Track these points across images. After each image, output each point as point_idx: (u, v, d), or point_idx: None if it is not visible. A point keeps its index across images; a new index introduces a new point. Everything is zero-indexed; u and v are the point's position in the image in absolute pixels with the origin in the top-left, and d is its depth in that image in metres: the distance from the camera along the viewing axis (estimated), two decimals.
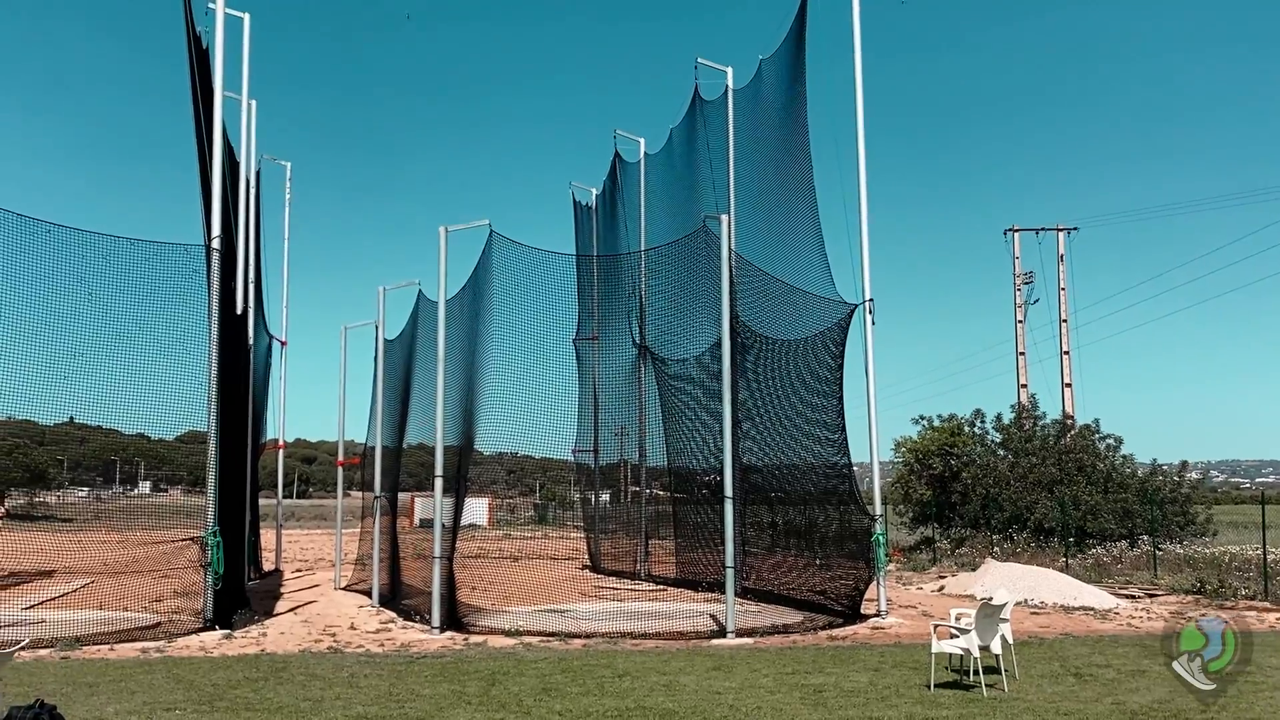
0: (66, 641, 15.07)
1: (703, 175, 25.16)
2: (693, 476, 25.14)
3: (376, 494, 22.94)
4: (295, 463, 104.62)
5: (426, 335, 21.22)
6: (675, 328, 23.66)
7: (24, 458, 77.03)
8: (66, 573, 26.66)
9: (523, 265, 18.92)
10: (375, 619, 18.84)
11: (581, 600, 21.48)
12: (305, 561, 35.56)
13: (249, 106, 23.95)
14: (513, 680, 12.19)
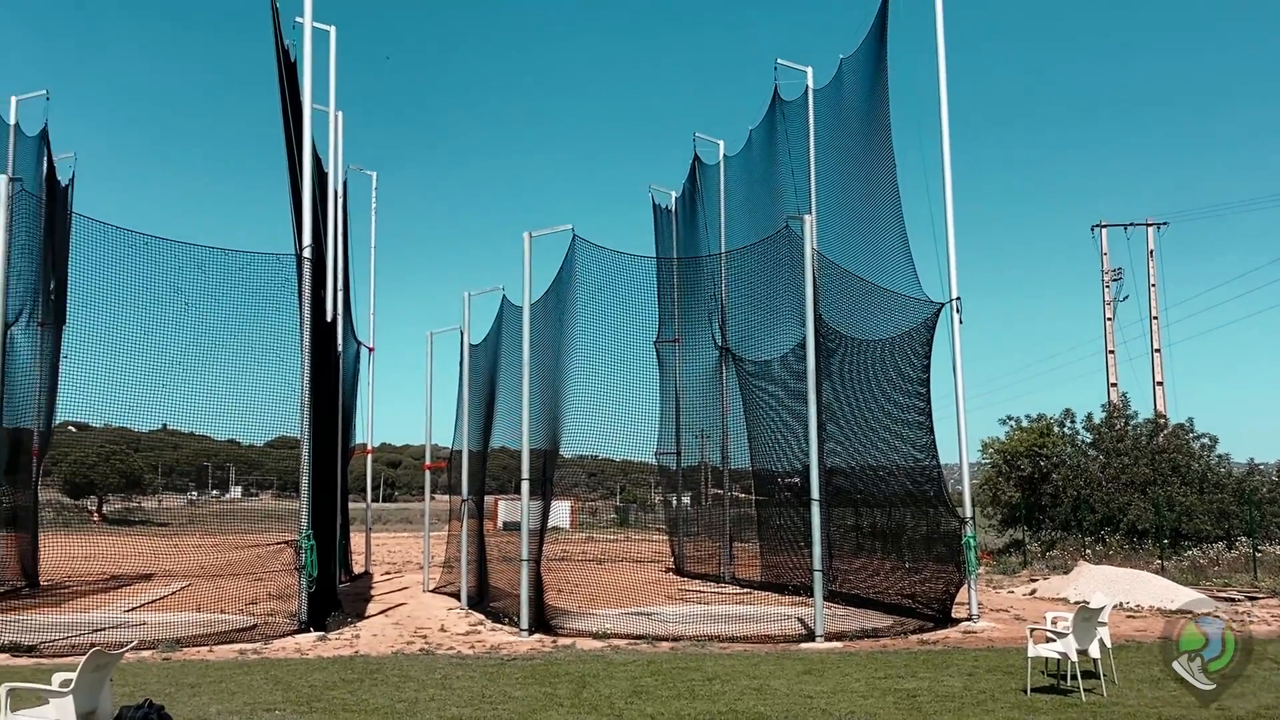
0: (168, 643, 15.49)
1: (783, 176, 25.06)
2: (775, 479, 25.03)
3: (464, 497, 23.19)
4: (381, 467, 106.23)
5: (511, 340, 21.43)
6: (757, 329, 23.60)
7: (120, 464, 79.27)
8: (165, 576, 27.38)
9: (605, 269, 19.04)
10: (464, 621, 19.07)
11: (668, 603, 21.50)
12: (393, 564, 36.12)
13: (336, 118, 24.42)
14: (603, 683, 12.25)
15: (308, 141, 18.97)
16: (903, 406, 19.75)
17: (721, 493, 29.38)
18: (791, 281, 19.06)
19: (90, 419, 45.69)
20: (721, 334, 26.15)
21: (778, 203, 24.98)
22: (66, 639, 16.05)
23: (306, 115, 19.05)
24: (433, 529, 29.08)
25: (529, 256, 18.21)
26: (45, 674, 10.21)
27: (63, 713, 7.62)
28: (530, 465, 17.94)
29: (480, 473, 24.15)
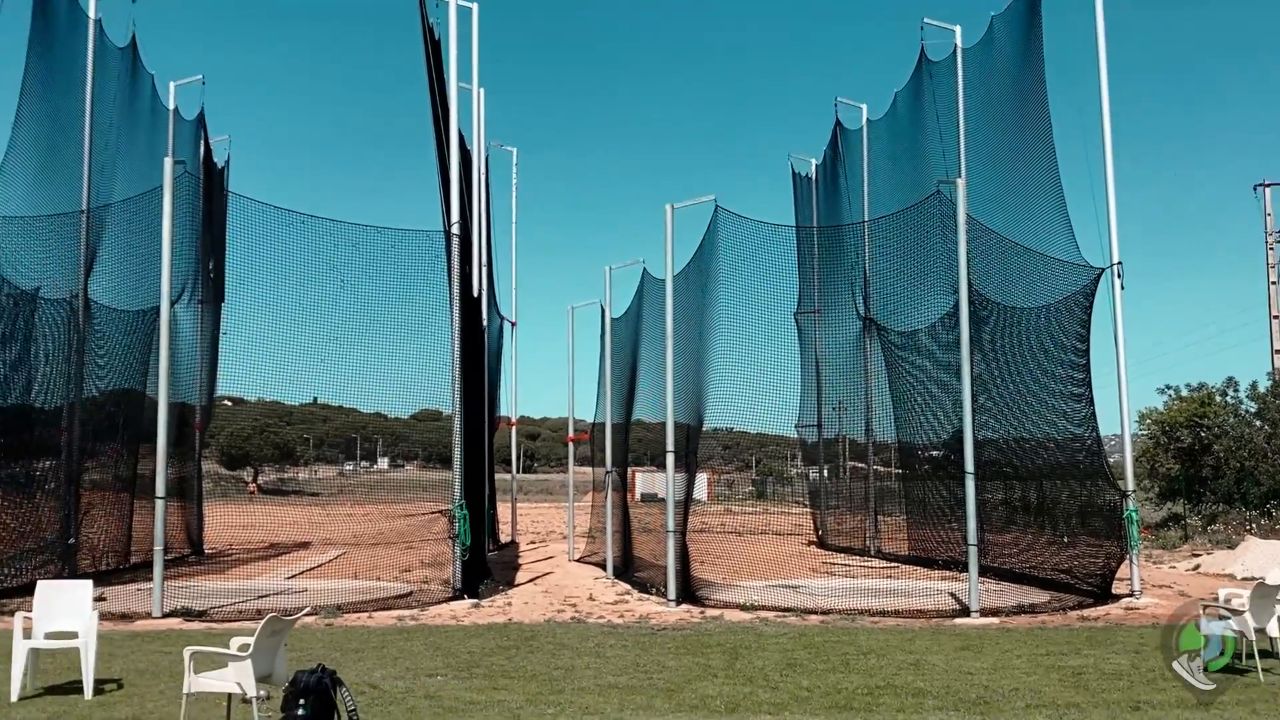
0: (330, 609, 16.00)
1: (930, 139, 24.38)
2: (921, 451, 24.55)
3: (608, 469, 23.37)
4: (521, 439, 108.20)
5: (651, 313, 21.43)
6: (903, 298, 23.11)
7: (274, 436, 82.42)
8: (321, 544, 28.37)
9: (746, 239, 18.83)
10: (612, 590, 19.23)
11: (813, 576, 21.31)
12: (537, 534, 36.74)
13: (478, 95, 24.69)
14: (755, 655, 12.19)
15: (454, 120, 19.22)
16: (1059, 377, 19.08)
17: (863, 465, 28.98)
18: (940, 248, 18.57)
19: (246, 393, 47.66)
20: (865, 304, 25.70)
21: (925, 167, 24.33)
22: (233, 604, 16.74)
23: (452, 94, 19.31)
24: (575, 500, 29.43)
25: (671, 229, 18.13)
26: (216, 638, 10.66)
27: (242, 676, 7.89)
28: (673, 438, 17.91)
29: (623, 445, 24.30)
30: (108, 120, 22.81)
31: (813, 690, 10.12)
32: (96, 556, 21.01)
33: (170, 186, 16.63)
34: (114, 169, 22.94)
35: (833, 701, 9.59)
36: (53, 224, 20.19)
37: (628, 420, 24.06)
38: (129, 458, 22.73)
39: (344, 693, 8.11)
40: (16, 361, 19.57)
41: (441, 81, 19.46)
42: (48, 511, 20.05)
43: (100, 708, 9.28)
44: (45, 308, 20.20)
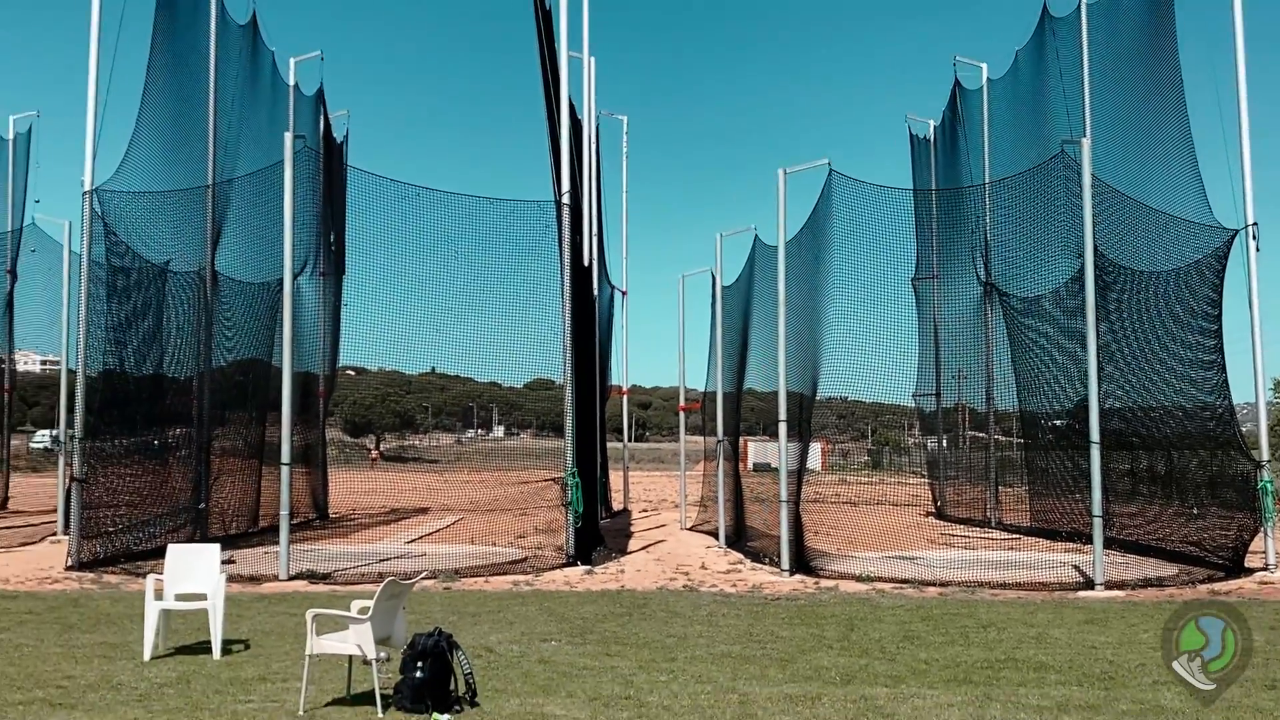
0: (447, 574, 16.31)
1: (1054, 98, 23.54)
2: (1044, 420, 23.88)
3: (719, 438, 23.28)
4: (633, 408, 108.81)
5: (764, 280, 21.21)
6: (1025, 263, 22.41)
7: (395, 405, 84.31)
8: (439, 510, 28.94)
9: (861, 204, 18.48)
10: (724, 560, 19.20)
11: (931, 547, 20.96)
12: (649, 502, 36.92)
13: (589, 63, 24.70)
14: (871, 626, 12.02)
15: (564, 89, 19.23)
16: (1189, 343, 18.35)
17: (984, 435, 28.35)
18: (1065, 211, 17.95)
19: (367, 363, 48.81)
20: (985, 269, 25.04)
21: (1048, 127, 23.52)
22: (355, 568, 17.18)
23: (562, 63, 19.31)
24: (686, 469, 29.44)
25: (783, 194, 17.88)
26: (339, 600, 10.92)
27: (362, 638, 8.06)
28: (786, 407, 17.73)
29: (734, 414, 24.18)
30: (230, 97, 23.44)
31: (930, 663, 9.93)
32: (226, 521, 21.76)
33: (290, 161, 17.00)
34: (237, 145, 23.58)
35: (951, 675, 9.39)
36: (180, 199, 20.84)
37: (739, 389, 23.91)
38: (257, 425, 23.46)
39: (460, 656, 8.24)
40: (149, 333, 20.32)
41: (552, 51, 19.48)
42: (180, 477, 20.83)
43: (228, 667, 9.60)
44: (175, 281, 20.90)
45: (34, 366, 77.43)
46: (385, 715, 7.85)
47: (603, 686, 8.85)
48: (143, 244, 19.74)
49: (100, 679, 9.07)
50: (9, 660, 9.83)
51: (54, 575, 16.53)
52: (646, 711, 8.03)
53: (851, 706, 8.21)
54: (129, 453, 19.83)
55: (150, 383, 20.69)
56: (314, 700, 8.24)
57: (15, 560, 18.70)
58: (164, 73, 21.04)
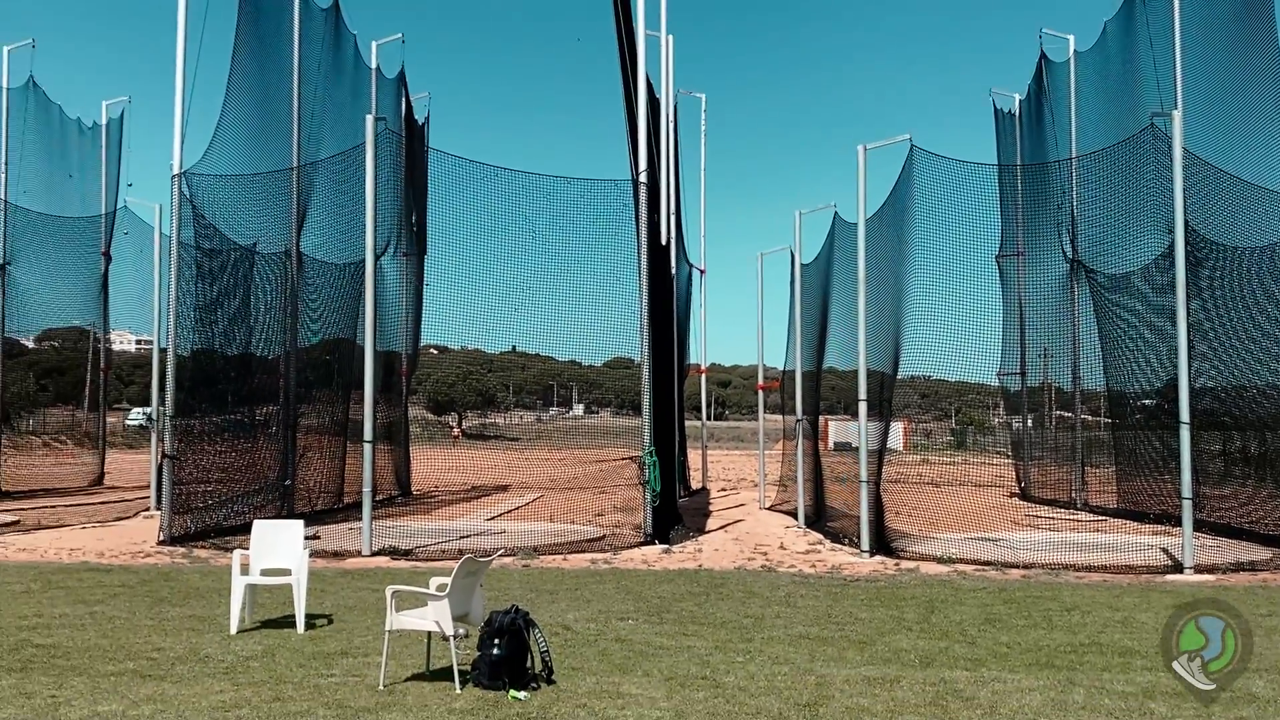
0: (526, 551, 16.45)
1: (1143, 69, 22.85)
2: (1133, 399, 23.33)
3: (799, 417, 23.13)
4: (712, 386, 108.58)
5: (843, 258, 20.97)
6: (1113, 239, 21.87)
7: (476, 383, 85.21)
8: (519, 487, 29.22)
9: (944, 180, 18.20)
10: (803, 540, 19.10)
11: (1015, 529, 20.62)
12: (728, 481, 36.87)
13: (667, 42, 24.55)
14: (951, 609, 11.87)
15: (642, 68, 19.17)
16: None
17: (1070, 415, 27.79)
18: (1154, 185, 17.44)
19: (449, 342, 49.45)
20: (1072, 245, 24.48)
21: (1137, 100, 22.83)
22: (436, 544, 17.41)
23: (640, 42, 19.24)
24: (765, 448, 29.32)
25: (863, 171, 17.63)
26: (420, 577, 11.05)
27: (440, 615, 8.16)
28: (866, 386, 17.54)
29: (814, 393, 24.00)
30: (314, 81, 23.77)
31: (1012, 646, 9.78)
32: (312, 497, 22.20)
33: (372, 143, 17.19)
34: (321, 128, 23.93)
35: (1034, 659, 9.24)
36: (265, 182, 21.22)
37: (819, 368, 23.72)
38: (341, 404, 23.87)
39: (537, 633, 8.31)
40: (237, 313, 20.78)
41: (630, 29, 19.43)
42: (267, 454, 21.29)
43: (311, 641, 9.80)
44: (262, 262, 21.33)
45: (129, 346, 79.77)
46: (463, 691, 7.95)
47: (679, 666, 8.86)
48: (230, 226, 20.15)
49: (188, 651, 9.33)
50: (102, 632, 10.15)
51: (146, 549, 17.03)
52: (723, 692, 8.02)
53: (931, 690, 8.12)
54: (218, 430, 20.33)
55: (238, 362, 21.17)
56: (394, 675, 8.38)
57: (110, 534, 19.31)
58: (249, 57, 21.40)
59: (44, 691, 7.90)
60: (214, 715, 7.32)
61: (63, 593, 12.57)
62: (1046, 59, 28.14)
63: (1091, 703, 7.76)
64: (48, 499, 26.90)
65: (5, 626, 10.39)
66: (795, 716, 7.40)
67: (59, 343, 51.41)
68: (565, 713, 7.42)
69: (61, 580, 13.59)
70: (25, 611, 11.25)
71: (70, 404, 52.33)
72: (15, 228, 28.40)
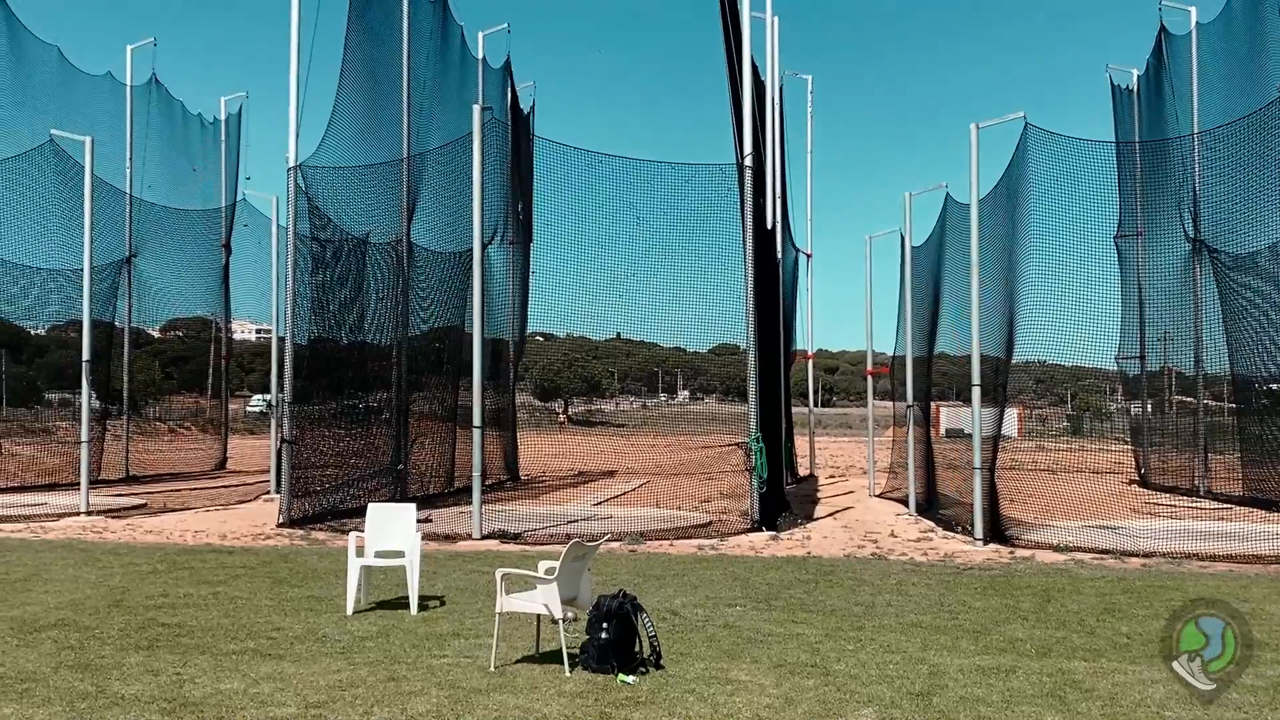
0: (633, 536, 16.51)
1: (1271, 43, 21.93)
2: (1259, 384, 22.44)
3: (909, 403, 22.77)
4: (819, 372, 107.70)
5: (955, 240, 20.56)
6: (1239, 217, 21.03)
7: (582, 370, 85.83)
8: (625, 473, 29.37)
9: (1059, 158, 17.69)
10: (914, 527, 18.81)
11: (1134, 517, 20.02)
12: (836, 468, 36.52)
13: (772, 24, 24.33)
14: (1069, 598, 11.57)
15: (747, 51, 19.01)
16: None
17: (1192, 400, 26.86)
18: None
19: (555, 329, 49.91)
20: (1194, 224, 23.61)
21: (1264, 72, 21.94)
22: (545, 529, 17.59)
23: (745, 24, 19.07)
24: (875, 434, 28.95)
25: (976, 150, 17.21)
26: (529, 560, 11.19)
27: (548, 598, 8.24)
28: (980, 371, 17.17)
29: (925, 378, 23.61)
30: (422, 73, 24.14)
31: (1133, 638, 9.49)
32: (424, 481, 22.63)
33: (479, 133, 17.40)
34: (430, 119, 24.31)
35: (1156, 650, 8.94)
36: (377, 173, 21.64)
37: (930, 353, 23.33)
38: (452, 390, 24.25)
39: (644, 618, 8.33)
40: (351, 302, 21.25)
41: (735, 11, 19.27)
42: (380, 440, 21.76)
43: (424, 623, 9.99)
44: (374, 251, 21.76)
45: (249, 335, 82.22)
46: (572, 674, 8.01)
47: (788, 653, 8.80)
48: (343, 217, 20.61)
49: (306, 631, 9.58)
50: (225, 612, 10.49)
51: (267, 532, 17.56)
52: (833, 680, 7.94)
53: (1048, 680, 7.92)
54: (334, 416, 20.84)
55: (353, 350, 21.66)
56: (504, 657, 8.49)
57: (233, 517, 19.95)
58: (359, 51, 21.82)
59: (169, 669, 8.19)
60: (331, 694, 7.51)
61: (187, 573, 13.03)
62: (1166, 32, 27.16)
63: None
64: (173, 483, 27.95)
65: (133, 605, 10.81)
66: (908, 705, 7.29)
67: (183, 332, 53.34)
68: (674, 697, 7.43)
69: (186, 561, 14.09)
70: (152, 591, 11.69)
71: (194, 391, 54.28)
72: (140, 221, 29.49)
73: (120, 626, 9.75)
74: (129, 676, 7.96)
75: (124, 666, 8.26)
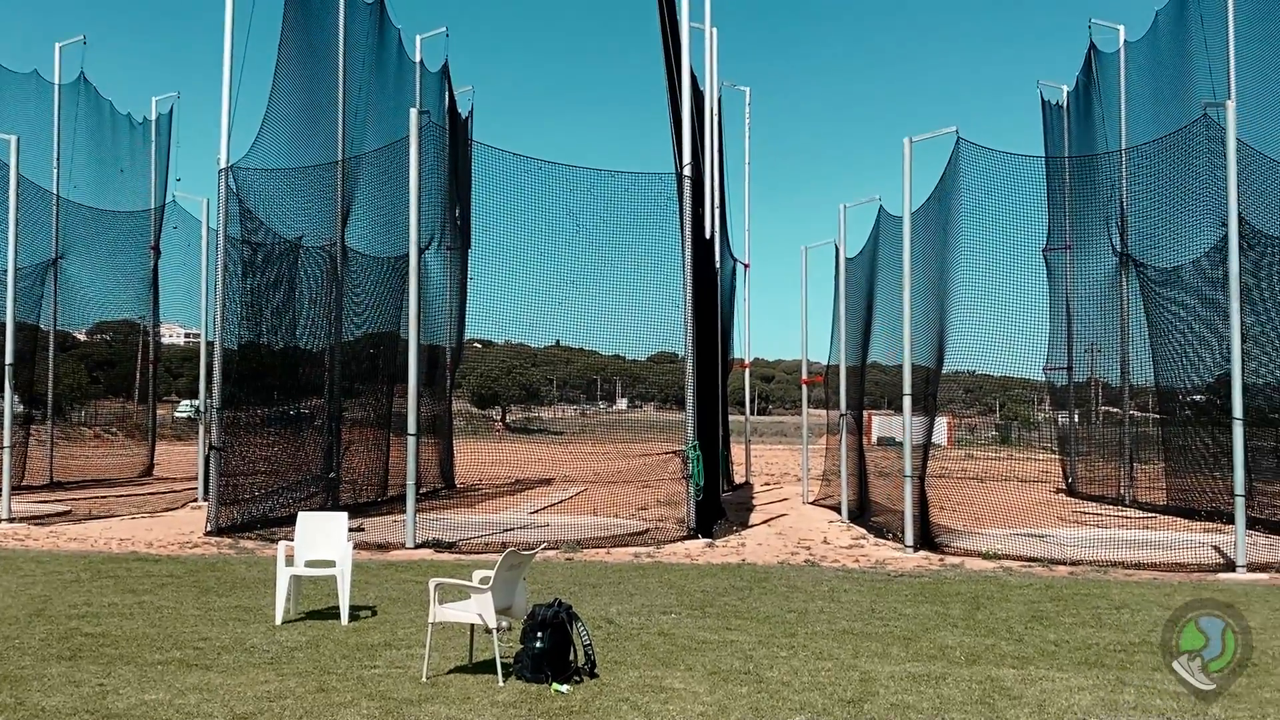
0: (570, 544, 16.47)
1: (1196, 61, 22.48)
2: (1183, 395, 22.98)
3: (843, 412, 23.00)
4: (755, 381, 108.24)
5: (888, 252, 20.81)
6: (1164, 232, 21.53)
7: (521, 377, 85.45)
8: (563, 481, 29.27)
9: (990, 172, 17.99)
10: (846, 534, 18.98)
11: (1061, 525, 20.38)
12: (772, 475, 36.73)
13: (711, 35, 24.44)
14: (998, 605, 11.74)
15: (686, 60, 19.09)
16: None
17: (1118, 410, 27.43)
18: (1207, 177, 17.14)
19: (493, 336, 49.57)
20: (1121, 239, 24.14)
21: (1189, 91, 22.49)
22: (480, 537, 17.48)
23: (684, 34, 19.16)
24: (809, 442, 29.18)
25: (909, 163, 17.45)
26: (464, 570, 11.10)
27: (483, 607, 8.18)
28: (911, 380, 17.39)
29: (858, 388, 23.86)
30: (359, 75, 23.91)
31: (1060, 644, 9.65)
32: (356, 489, 22.37)
33: (416, 137, 17.27)
34: (365, 122, 24.08)
35: (1082, 657, 9.11)
36: (311, 175, 21.39)
37: (863, 363, 23.58)
38: (386, 397, 24.01)
39: (580, 627, 8.30)
40: (283, 307, 20.96)
41: (674, 22, 19.35)
42: (312, 447, 21.48)
43: (355, 633, 9.86)
44: (307, 256, 21.49)
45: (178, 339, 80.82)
46: (505, 684, 7.96)
47: (722, 660, 8.82)
48: (276, 220, 20.32)
49: (234, 641, 9.42)
50: (150, 622, 10.27)
51: (194, 540, 17.24)
52: (766, 687, 7.97)
53: (977, 687, 8.02)
54: (264, 422, 20.53)
55: (284, 355, 21.35)
56: (437, 667, 8.41)
57: (159, 525, 19.57)
58: (295, 52, 21.56)
59: (92, 680, 8.00)
60: (258, 705, 7.38)
61: (112, 582, 12.75)
62: (1096, 50, 27.79)
63: (1143, 703, 7.64)
64: (98, 489, 27.34)
65: (55, 615, 10.55)
66: (839, 712, 7.35)
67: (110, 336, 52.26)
68: (608, 706, 7.41)
69: (110, 569, 13.79)
70: (75, 600, 11.42)
71: (121, 396, 53.16)
72: (67, 222, 28.82)
73: (41, 636, 9.51)
74: (50, 688, 7.76)
75: (45, 677, 8.05)
